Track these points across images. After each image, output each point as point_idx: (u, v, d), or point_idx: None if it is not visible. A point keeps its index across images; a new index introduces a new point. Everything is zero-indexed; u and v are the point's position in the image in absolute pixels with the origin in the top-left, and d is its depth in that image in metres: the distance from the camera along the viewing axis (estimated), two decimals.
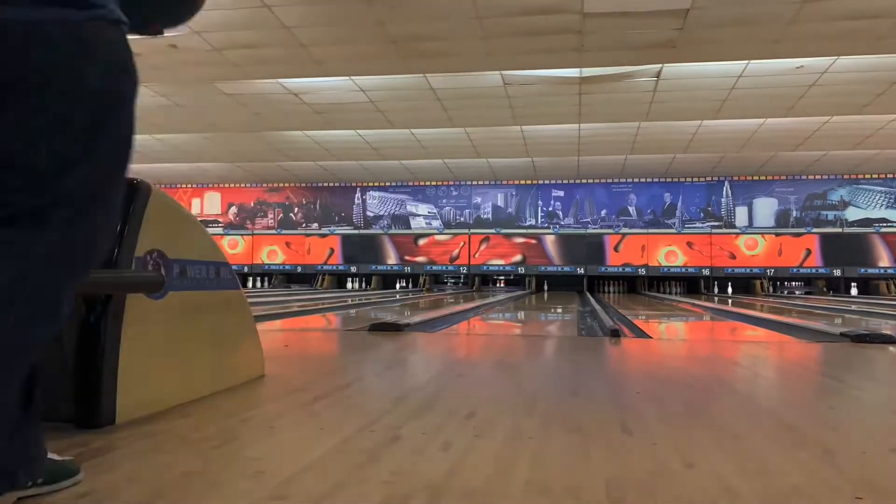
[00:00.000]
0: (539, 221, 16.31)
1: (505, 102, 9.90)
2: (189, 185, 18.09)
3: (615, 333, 4.59)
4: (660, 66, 8.22)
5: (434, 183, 16.91)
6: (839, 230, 15.25)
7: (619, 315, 7.69)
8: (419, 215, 17.07)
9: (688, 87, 8.96)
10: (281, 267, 17.68)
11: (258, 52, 8.15)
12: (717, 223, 15.73)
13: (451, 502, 1.28)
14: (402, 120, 11.12)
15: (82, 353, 1.69)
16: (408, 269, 16.86)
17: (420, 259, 16.79)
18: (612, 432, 1.83)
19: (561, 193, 16.38)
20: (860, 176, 15.13)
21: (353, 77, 9.02)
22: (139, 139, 12.76)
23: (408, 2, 6.73)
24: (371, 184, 17.24)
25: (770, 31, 6.93)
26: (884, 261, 15.00)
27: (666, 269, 15.64)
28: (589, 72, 8.55)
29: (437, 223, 16.93)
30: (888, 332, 4.45)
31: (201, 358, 2.17)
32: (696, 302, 11.21)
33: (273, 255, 17.73)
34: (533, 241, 16.22)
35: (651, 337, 5.07)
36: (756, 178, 15.50)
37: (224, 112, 10.83)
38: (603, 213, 16.12)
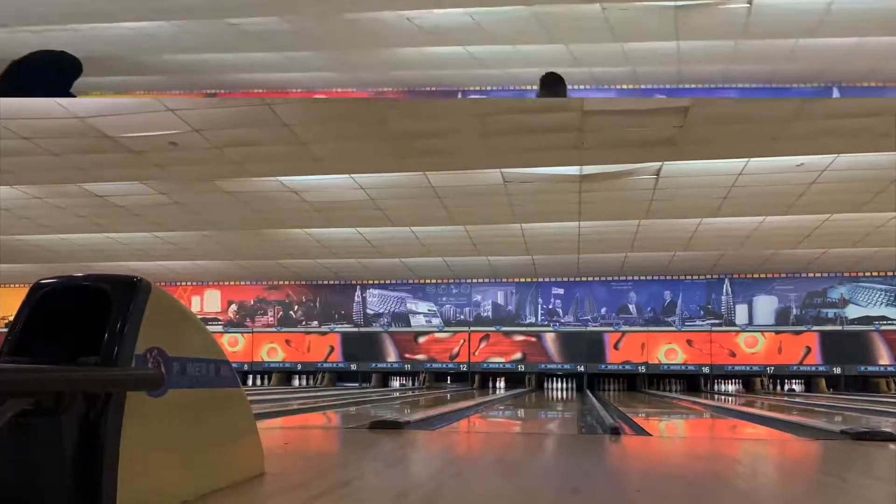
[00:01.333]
0: (539, 319, 15.94)
1: (505, 200, 9.71)
2: (189, 283, 17.81)
3: (615, 431, 4.46)
4: (660, 163, 8.06)
5: (434, 281, 16.66)
6: (839, 328, 14.90)
7: (620, 413, 7.52)
8: (419, 313, 16.71)
9: (688, 185, 8.80)
10: (281, 364, 17.16)
11: (258, 150, 8.03)
12: (717, 321, 15.36)
13: None
14: (402, 217, 10.94)
15: (82, 451, 1.67)
16: (408, 367, 16.36)
17: (420, 357, 16.31)
18: None
19: (561, 291, 16.07)
20: (860, 274, 14.88)
21: (353, 175, 8.86)
22: (140, 237, 12.66)
23: (408, 104, 6.62)
24: (371, 281, 16.98)
25: (770, 129, 6.78)
26: (884, 359, 14.56)
27: (666, 367, 15.18)
28: (589, 169, 8.39)
29: (437, 321, 16.55)
30: (889, 430, 4.32)
31: (202, 455, 2.10)
32: (697, 400, 10.91)
33: (273, 352, 17.25)
34: (533, 339, 15.76)
35: (651, 434, 5.03)
36: (756, 276, 15.26)
37: (224, 210, 10.64)
38: (603, 310, 15.77)
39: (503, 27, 10.46)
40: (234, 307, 17.79)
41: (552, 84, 5.29)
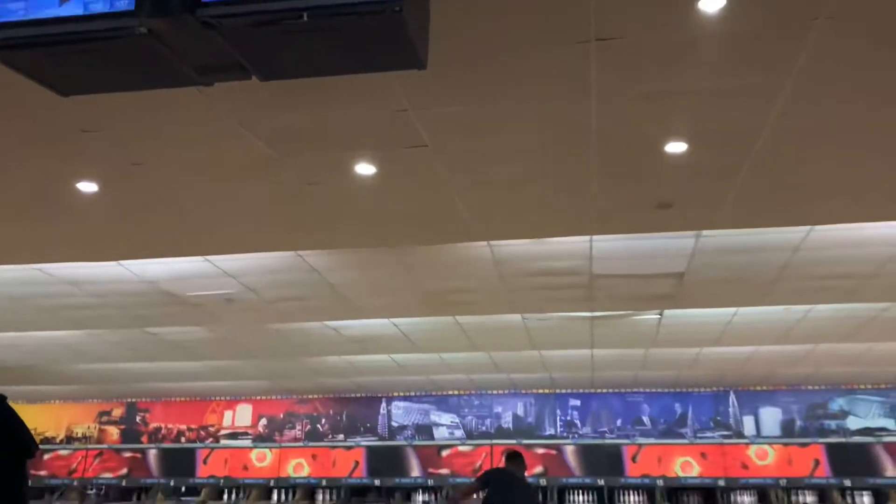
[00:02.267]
0: (558, 430, 16.37)
1: (524, 334, 10.55)
2: (223, 398, 18.46)
3: None
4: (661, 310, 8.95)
5: (457, 392, 17.19)
6: (843, 440, 15.18)
7: None
8: (442, 425, 17.18)
9: (687, 325, 9.65)
10: (306, 480, 17.50)
11: (305, 304, 8.93)
12: (727, 432, 15.72)
13: None
14: (430, 347, 11.79)
15: None
16: (430, 482, 16.63)
17: (443, 471, 16.62)
18: None
19: (578, 402, 16.56)
20: (856, 386, 15.33)
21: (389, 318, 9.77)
22: (188, 365, 13.51)
23: (441, 266, 7.58)
24: (396, 393, 17.54)
25: (758, 287, 7.69)
26: (890, 470, 14.58)
27: (683, 480, 15.41)
28: (599, 312, 9.27)
29: (459, 433, 17.00)
30: None
31: None
32: None
33: (299, 467, 17.58)
34: (553, 452, 15.94)
35: None
36: (759, 388, 15.74)
37: (267, 344, 11.52)
38: (619, 422, 16.22)
39: (428, 336, 10.89)
40: (263, 421, 18.31)
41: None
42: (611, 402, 16.43)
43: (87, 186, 5.39)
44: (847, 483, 14.79)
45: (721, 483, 15.31)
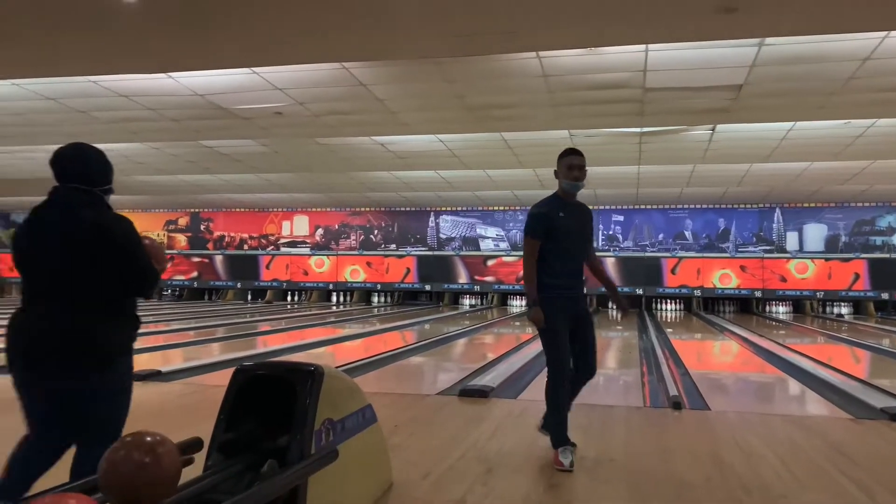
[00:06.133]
0: (600, 244, 16.58)
1: None
2: (280, 210, 19.06)
3: (677, 406, 4.62)
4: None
5: (502, 208, 17.37)
6: (887, 255, 15.05)
7: (678, 361, 7.34)
8: (488, 237, 17.58)
9: (740, 140, 9.21)
10: (363, 284, 18.46)
11: (352, 118, 8.77)
12: (769, 248, 15.70)
13: None
14: (477, 163, 11.65)
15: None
16: (477, 288, 17.39)
17: (489, 279, 17.29)
18: None
19: (620, 218, 16.61)
20: None
21: (435, 134, 9.58)
22: (244, 178, 13.76)
23: (485, 81, 7.23)
24: (444, 208, 17.81)
25: (815, 101, 7.17)
26: None
27: (720, 291, 15.71)
28: (649, 128, 8.89)
29: (504, 245, 17.40)
30: None
31: (365, 478, 2.65)
32: (748, 337, 10.23)
33: (355, 273, 18.52)
34: None
35: (710, 409, 4.73)
36: (806, 205, 15.42)
37: (316, 158, 11.56)
38: (661, 236, 16.29)
39: (474, 153, 10.60)
40: (320, 231, 19.02)
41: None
42: (653, 218, 16.42)
43: None
44: (885, 296, 14.88)
45: (758, 294, 15.58)
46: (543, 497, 2.83)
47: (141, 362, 6.20)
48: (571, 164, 3.46)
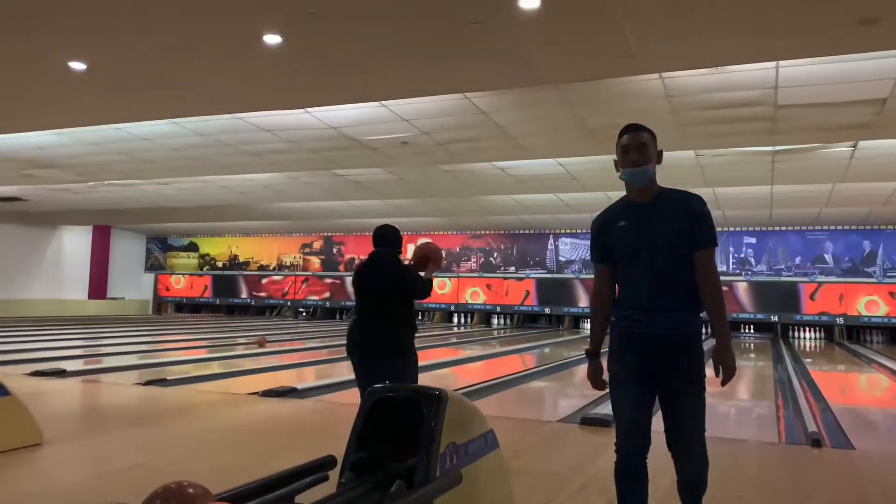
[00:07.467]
0: (730, 268, 15.77)
1: (697, 171, 9.93)
2: (405, 233, 19.51)
3: (816, 443, 4.26)
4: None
5: None
6: None
7: (818, 394, 6.84)
8: None
9: (885, 156, 8.52)
10: (482, 306, 18.59)
11: (474, 145, 8.95)
12: None
13: None
14: (597, 185, 11.49)
15: None
16: None
17: None
18: None
19: (753, 240, 15.72)
20: None
21: (554, 158, 9.56)
22: (372, 203, 14.34)
23: (606, 103, 7.15)
24: (563, 231, 17.66)
25: None
26: None
27: (867, 320, 14.40)
28: (782, 147, 8.42)
29: None
30: None
31: (487, 496, 2.58)
32: None
33: (475, 295, 18.69)
34: (724, 289, 15.47)
35: (853, 448, 4.37)
36: None
37: (439, 184, 11.85)
38: (797, 259, 15.24)
39: (593, 175, 10.53)
40: (442, 253, 19.35)
41: None
42: (789, 240, 15.41)
43: (272, 39, 5.55)
44: None
45: None
46: None
47: (280, 379, 6.63)
48: (626, 144, 2.40)
